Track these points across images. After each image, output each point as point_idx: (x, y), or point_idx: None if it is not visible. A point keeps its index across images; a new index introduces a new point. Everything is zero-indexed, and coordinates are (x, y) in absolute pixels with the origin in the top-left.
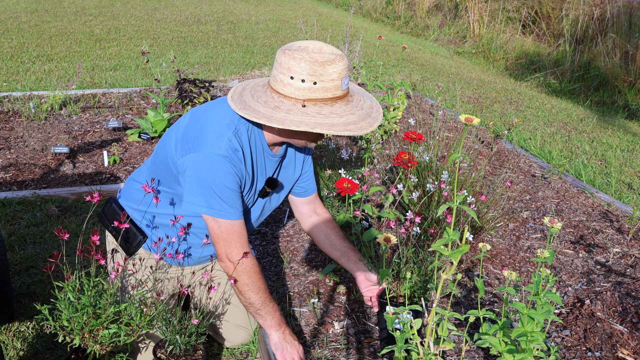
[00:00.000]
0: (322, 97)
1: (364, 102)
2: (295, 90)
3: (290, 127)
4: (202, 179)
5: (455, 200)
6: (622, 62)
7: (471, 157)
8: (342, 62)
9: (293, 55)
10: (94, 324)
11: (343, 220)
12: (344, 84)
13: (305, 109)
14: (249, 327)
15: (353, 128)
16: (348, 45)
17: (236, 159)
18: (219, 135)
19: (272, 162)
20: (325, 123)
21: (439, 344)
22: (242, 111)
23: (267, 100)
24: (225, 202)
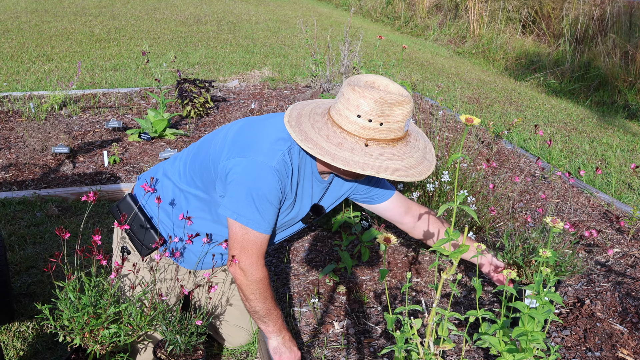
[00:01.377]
0: (386, 137)
1: (419, 142)
2: (360, 129)
3: (355, 169)
4: (245, 185)
5: (455, 200)
6: (622, 62)
7: (471, 157)
8: (409, 105)
9: (363, 93)
10: (95, 324)
11: (342, 221)
12: (407, 126)
13: (368, 148)
14: (250, 328)
15: (414, 173)
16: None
17: (285, 175)
18: (274, 148)
19: (319, 188)
20: (389, 167)
21: (439, 344)
22: (304, 143)
23: (329, 134)
24: (260, 213)
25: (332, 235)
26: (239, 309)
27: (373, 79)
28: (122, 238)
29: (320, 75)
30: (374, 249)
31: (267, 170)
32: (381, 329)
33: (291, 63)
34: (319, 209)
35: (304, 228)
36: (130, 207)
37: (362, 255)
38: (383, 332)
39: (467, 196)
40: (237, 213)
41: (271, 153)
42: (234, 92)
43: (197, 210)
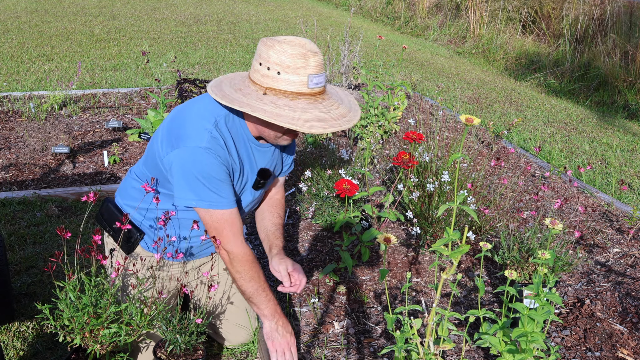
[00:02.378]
0: (285, 89)
1: (335, 109)
2: (260, 77)
3: (234, 106)
4: (189, 173)
5: (455, 200)
6: (622, 62)
7: (471, 157)
8: (313, 58)
9: (266, 42)
10: (95, 324)
11: (343, 221)
12: (312, 83)
13: (263, 96)
14: (249, 327)
15: (300, 124)
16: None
17: (219, 148)
18: (199, 128)
19: (261, 153)
20: (271, 112)
21: (439, 344)
22: (211, 89)
23: (237, 83)
24: (215, 192)
25: (332, 235)
26: (240, 308)
27: (285, 37)
28: (109, 242)
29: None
30: (374, 249)
31: (201, 152)
32: (381, 329)
33: None
34: (265, 172)
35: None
36: (111, 211)
37: (362, 255)
38: (383, 332)
39: (467, 196)
40: (195, 199)
41: (198, 135)
42: None
43: (166, 206)
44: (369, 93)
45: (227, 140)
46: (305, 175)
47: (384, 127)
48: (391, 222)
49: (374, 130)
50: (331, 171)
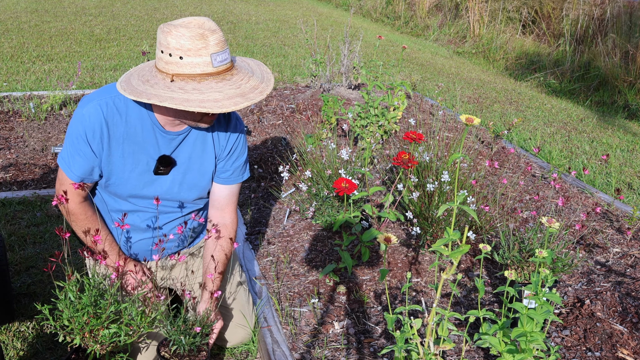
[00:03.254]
0: (191, 72)
1: (245, 82)
2: (165, 65)
3: (142, 99)
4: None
5: (455, 200)
6: (622, 62)
7: (471, 157)
8: (212, 37)
9: (163, 29)
10: (95, 324)
11: (342, 220)
12: (216, 61)
13: (171, 83)
14: (247, 326)
15: (209, 105)
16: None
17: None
18: (94, 97)
19: (166, 140)
20: (180, 98)
21: (439, 344)
22: (120, 84)
23: (145, 74)
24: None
25: (332, 235)
26: (236, 307)
27: (188, 20)
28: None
29: (320, 75)
30: (374, 249)
31: (77, 115)
32: (381, 329)
33: (291, 63)
34: (166, 159)
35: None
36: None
37: (362, 255)
38: (383, 332)
39: (467, 196)
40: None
41: (91, 101)
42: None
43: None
44: (369, 93)
45: (116, 115)
46: (305, 175)
47: (384, 127)
48: (391, 222)
49: (374, 130)
50: (331, 171)
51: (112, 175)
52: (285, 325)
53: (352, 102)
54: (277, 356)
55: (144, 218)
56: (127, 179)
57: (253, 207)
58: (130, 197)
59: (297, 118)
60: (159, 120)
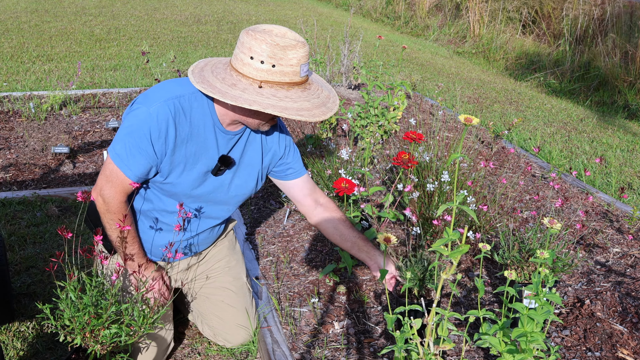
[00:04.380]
0: (280, 80)
1: (321, 92)
2: (253, 71)
3: (242, 104)
4: (124, 127)
5: (455, 200)
6: (622, 62)
7: (471, 157)
8: (303, 49)
9: (255, 36)
10: (95, 324)
11: None
12: (303, 71)
13: (261, 90)
14: (249, 327)
15: (305, 114)
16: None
17: (165, 118)
18: (159, 97)
19: (225, 139)
20: (278, 105)
21: (439, 344)
22: (199, 84)
23: (225, 77)
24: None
25: None
26: (237, 308)
27: (271, 27)
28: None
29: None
30: None
31: (144, 114)
32: (381, 329)
33: None
34: (227, 159)
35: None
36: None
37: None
38: (383, 332)
39: (467, 196)
40: (111, 148)
41: (157, 100)
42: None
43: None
44: (369, 93)
45: (185, 115)
46: None
47: (384, 127)
48: (391, 222)
49: (374, 130)
50: (331, 171)
51: (171, 173)
52: (285, 325)
53: (352, 102)
54: (277, 356)
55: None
56: (185, 179)
57: (253, 207)
58: (183, 197)
59: None
60: (220, 119)
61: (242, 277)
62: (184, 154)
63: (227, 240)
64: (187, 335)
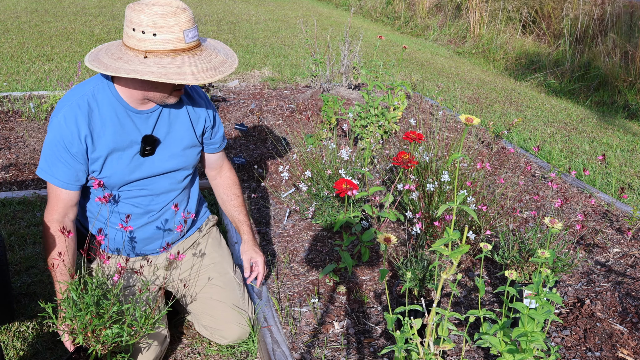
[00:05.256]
0: (164, 49)
1: (214, 57)
2: (137, 42)
3: (121, 74)
4: (43, 143)
5: (455, 200)
6: (622, 62)
7: (471, 157)
8: (183, 14)
9: (135, 7)
10: (97, 324)
11: (343, 221)
12: (188, 37)
13: (145, 59)
14: (242, 321)
15: (189, 77)
16: (348, 45)
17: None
18: (64, 103)
19: (141, 119)
20: (158, 72)
21: (439, 344)
22: (89, 62)
23: (114, 52)
24: (50, 163)
25: (332, 235)
26: (227, 303)
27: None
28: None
29: (320, 75)
30: (374, 249)
31: (54, 124)
32: (381, 329)
33: (291, 63)
34: (150, 138)
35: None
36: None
37: (362, 255)
38: (383, 332)
39: (467, 196)
40: (39, 168)
41: (63, 107)
42: (234, 92)
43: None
44: (369, 93)
45: (89, 111)
46: (305, 175)
47: (384, 127)
48: (391, 222)
49: (374, 130)
50: (331, 171)
51: (103, 167)
52: (285, 325)
53: (352, 102)
54: (277, 356)
55: (140, 204)
56: (116, 168)
57: (253, 207)
58: (122, 186)
59: (297, 118)
60: (128, 101)
61: (229, 271)
62: (106, 146)
63: (209, 237)
64: (187, 335)
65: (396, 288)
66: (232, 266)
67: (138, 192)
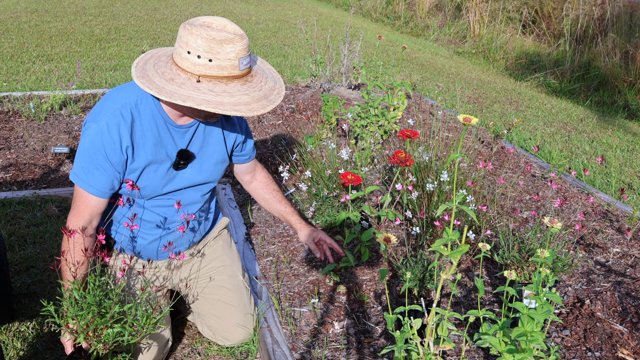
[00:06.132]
0: (218, 74)
1: (264, 83)
2: (191, 65)
3: (177, 101)
4: (80, 149)
5: (454, 200)
6: (622, 62)
7: (471, 157)
8: (240, 43)
9: (192, 30)
10: (99, 323)
11: (345, 216)
12: (242, 64)
13: (198, 84)
14: (247, 325)
15: (242, 109)
16: (348, 45)
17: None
18: (106, 110)
19: (179, 134)
20: (213, 101)
21: (439, 344)
22: (139, 79)
23: (165, 71)
24: (87, 170)
25: (333, 235)
26: (236, 306)
27: (210, 20)
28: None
29: (320, 75)
30: (374, 249)
31: (93, 131)
32: (381, 329)
33: (291, 63)
34: (185, 153)
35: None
36: None
37: (362, 255)
38: (383, 332)
39: (467, 196)
40: (73, 172)
41: (105, 114)
42: None
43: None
44: (369, 93)
45: (132, 122)
46: (305, 175)
47: (384, 127)
48: (391, 222)
49: (374, 130)
50: (331, 171)
51: (140, 178)
52: (285, 325)
53: (352, 102)
54: (277, 356)
55: (167, 213)
56: (152, 180)
57: (253, 207)
58: (152, 199)
59: (297, 118)
60: (169, 115)
61: (238, 275)
62: (144, 158)
63: (221, 240)
64: (187, 335)
65: (396, 288)
66: (241, 270)
67: (166, 201)
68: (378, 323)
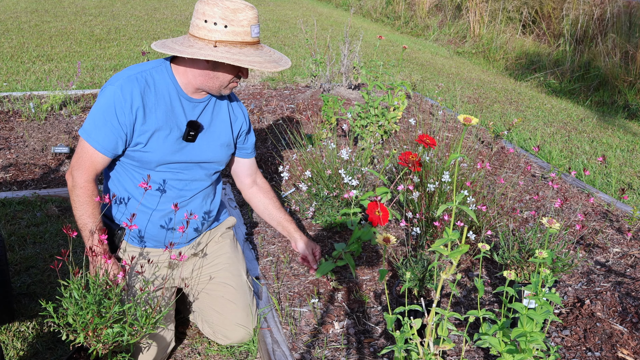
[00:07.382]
0: (233, 39)
1: (273, 54)
2: (208, 32)
3: (199, 57)
4: (93, 106)
5: (454, 200)
6: (622, 62)
7: (471, 157)
8: (252, 11)
9: (208, 1)
10: (98, 323)
11: (346, 212)
12: (254, 32)
13: (216, 48)
14: (248, 324)
15: (257, 65)
16: (348, 45)
17: (128, 94)
18: (123, 75)
19: (190, 107)
20: (232, 57)
21: (439, 344)
22: (160, 48)
23: (183, 42)
24: (95, 126)
25: (332, 235)
26: (238, 305)
27: None
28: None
29: (320, 75)
30: (374, 249)
31: (108, 90)
32: (381, 329)
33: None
34: (195, 124)
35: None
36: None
37: (355, 252)
38: (383, 332)
39: (467, 196)
40: (82, 127)
41: (121, 78)
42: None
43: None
44: (369, 93)
45: (146, 87)
46: (305, 175)
47: (384, 127)
48: (391, 222)
49: (374, 130)
50: (331, 171)
51: (149, 141)
52: (285, 325)
53: (352, 102)
54: (277, 356)
55: (175, 187)
56: (161, 145)
57: None
58: (160, 166)
59: (297, 118)
60: (183, 87)
61: (242, 274)
62: (155, 122)
63: (228, 238)
64: (187, 335)
65: (396, 288)
66: (244, 270)
67: (174, 174)
68: (378, 323)
